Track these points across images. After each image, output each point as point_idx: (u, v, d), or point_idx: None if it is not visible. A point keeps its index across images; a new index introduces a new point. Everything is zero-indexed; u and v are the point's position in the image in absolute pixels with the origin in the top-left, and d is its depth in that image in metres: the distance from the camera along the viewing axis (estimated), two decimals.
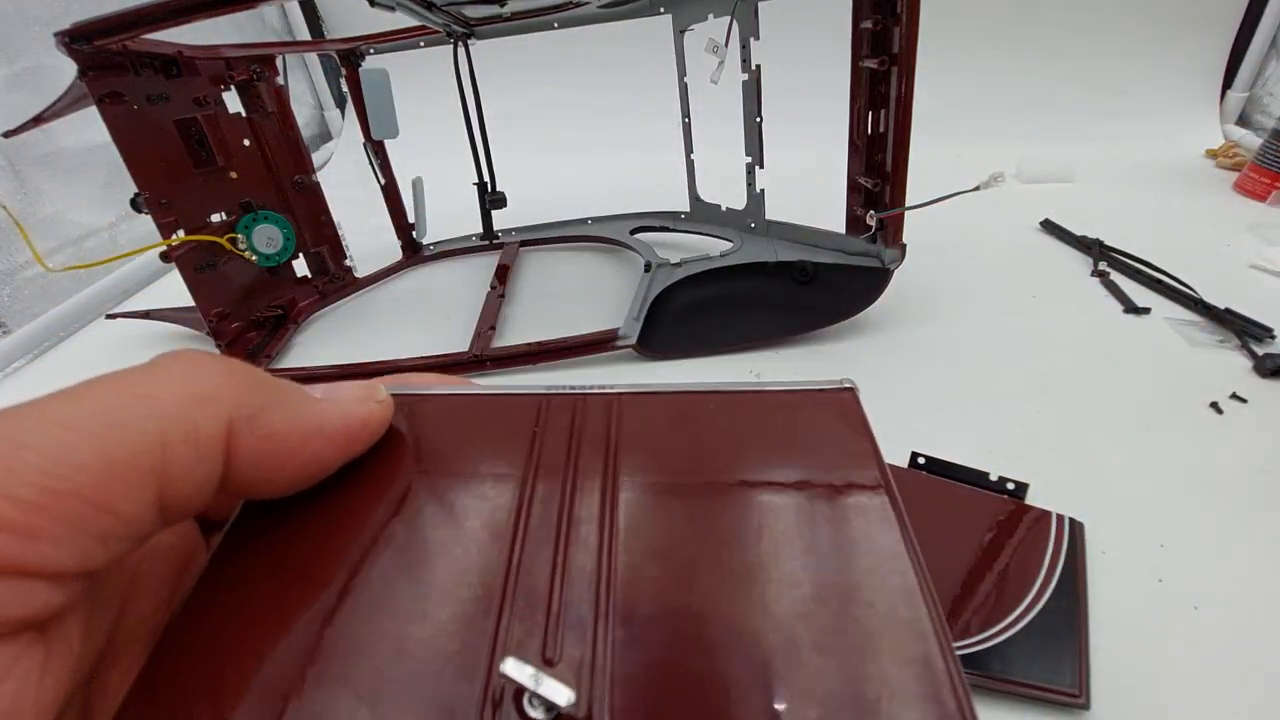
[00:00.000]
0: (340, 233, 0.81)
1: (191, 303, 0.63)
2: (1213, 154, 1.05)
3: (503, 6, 0.64)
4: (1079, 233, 0.80)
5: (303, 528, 0.15)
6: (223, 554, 0.15)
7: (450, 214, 0.89)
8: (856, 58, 0.55)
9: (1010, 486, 0.44)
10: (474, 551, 0.15)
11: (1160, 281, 0.68)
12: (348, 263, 0.82)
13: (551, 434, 0.18)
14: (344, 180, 1.16)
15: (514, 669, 0.12)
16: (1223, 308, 0.62)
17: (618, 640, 0.13)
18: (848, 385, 0.19)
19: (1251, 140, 1.03)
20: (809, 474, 0.16)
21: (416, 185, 0.82)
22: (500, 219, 0.82)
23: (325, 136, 1.43)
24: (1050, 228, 0.84)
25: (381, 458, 0.17)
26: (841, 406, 0.19)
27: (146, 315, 0.75)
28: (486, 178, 0.75)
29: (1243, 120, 1.15)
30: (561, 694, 0.12)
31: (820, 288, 0.63)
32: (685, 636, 0.13)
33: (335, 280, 0.80)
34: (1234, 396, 0.52)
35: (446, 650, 0.13)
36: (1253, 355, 0.56)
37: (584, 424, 0.18)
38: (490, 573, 0.14)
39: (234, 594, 0.14)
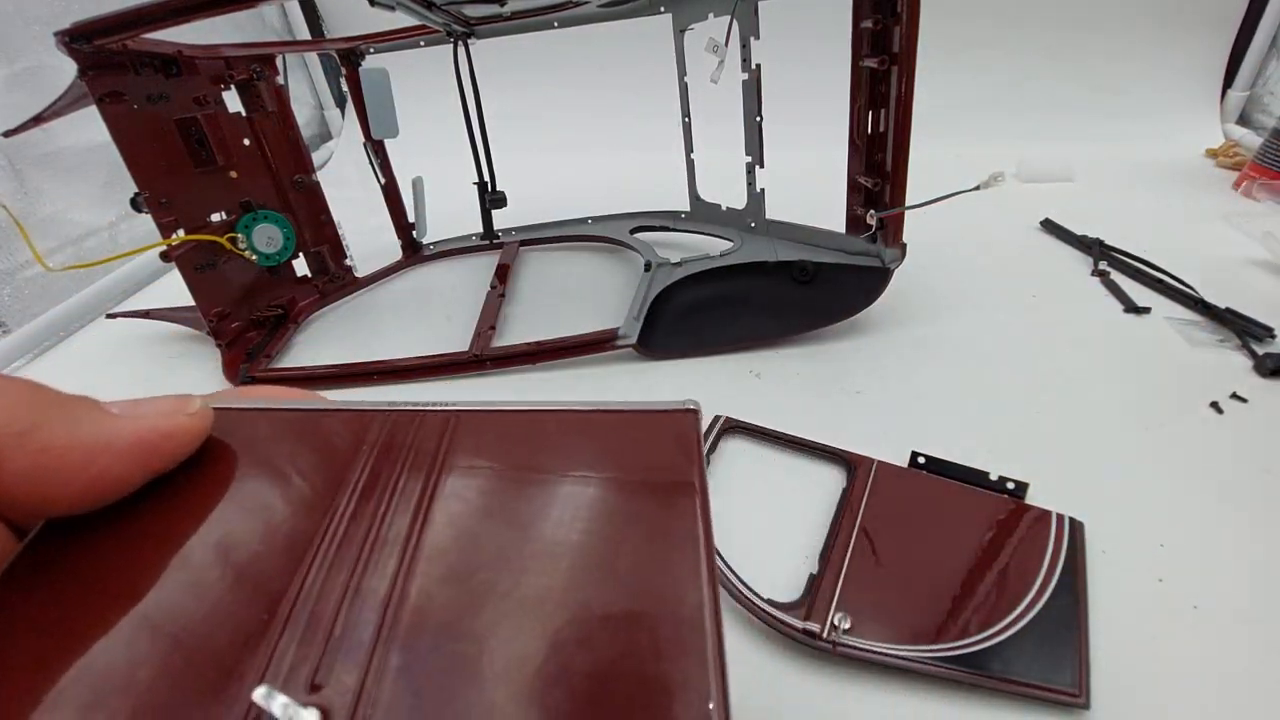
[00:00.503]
0: (340, 232, 0.81)
1: (191, 302, 0.63)
2: (1213, 153, 1.05)
3: (503, 6, 0.64)
4: (1079, 232, 0.80)
5: (100, 545, 0.15)
6: (13, 571, 0.15)
7: (450, 214, 0.89)
8: (856, 57, 0.55)
9: (1010, 486, 0.44)
10: (268, 574, 0.15)
11: (1160, 281, 0.68)
12: (348, 262, 0.82)
13: (381, 453, 0.18)
14: (344, 180, 1.16)
15: (264, 698, 0.12)
16: (1223, 307, 0.62)
17: (392, 667, 0.13)
18: (690, 407, 0.19)
19: (1252, 139, 1.03)
20: (627, 498, 0.16)
21: (416, 185, 0.82)
22: (500, 219, 0.82)
23: (325, 136, 1.43)
24: (1050, 227, 0.84)
25: (198, 474, 0.17)
26: (679, 428, 0.18)
27: (146, 315, 0.75)
28: (486, 177, 0.75)
29: (1243, 119, 1.15)
30: None
31: (820, 287, 0.63)
32: (462, 664, 0.13)
33: (335, 280, 0.81)
34: (1234, 396, 0.52)
35: (212, 677, 0.13)
36: (1253, 355, 0.56)
37: (416, 442, 0.18)
38: (278, 596, 0.14)
39: (14, 612, 0.14)
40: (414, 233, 0.87)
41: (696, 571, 0.15)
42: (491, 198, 0.76)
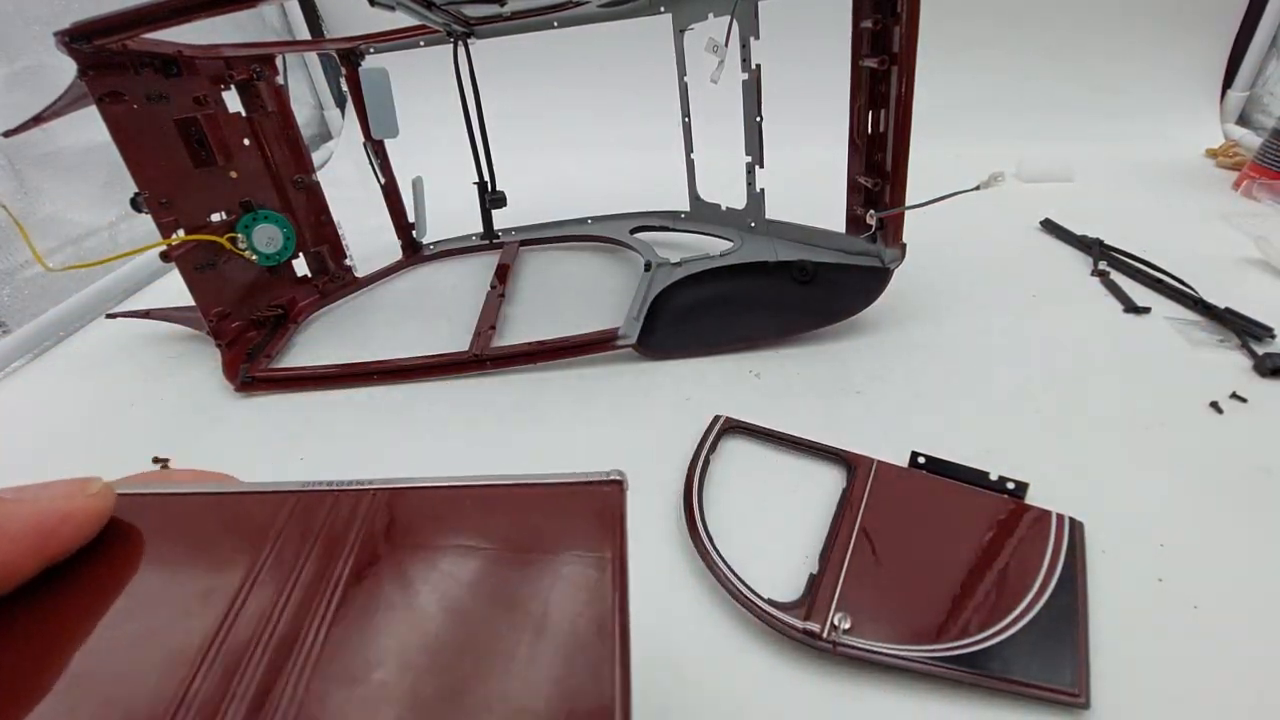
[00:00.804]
0: (340, 232, 0.81)
1: (191, 302, 0.63)
2: (1213, 153, 1.05)
3: (503, 6, 0.64)
4: (1079, 232, 0.80)
5: None
6: None
7: (450, 214, 0.89)
8: (856, 57, 0.55)
9: (1010, 486, 0.44)
10: (156, 680, 0.14)
11: (1160, 281, 0.68)
12: (348, 262, 0.82)
13: (290, 540, 0.17)
14: (344, 180, 1.16)
15: None
16: (1223, 307, 0.62)
17: None
18: (615, 478, 0.18)
19: (1252, 140, 1.03)
20: (540, 583, 0.16)
21: (416, 185, 0.82)
22: (500, 218, 0.82)
23: (325, 136, 1.43)
24: (1050, 227, 0.84)
25: (94, 566, 0.16)
26: (602, 501, 0.18)
27: (146, 315, 0.75)
28: (486, 177, 0.75)
29: (1243, 120, 1.15)
30: None
31: (820, 287, 0.63)
32: None
33: (335, 280, 0.81)
34: (1234, 396, 0.52)
35: None
36: (1253, 355, 0.56)
37: (326, 527, 0.17)
38: (166, 704, 0.13)
39: None
40: (414, 233, 0.87)
41: (608, 666, 0.14)
42: (491, 198, 0.76)
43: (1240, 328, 0.59)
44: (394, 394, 0.62)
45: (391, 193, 0.84)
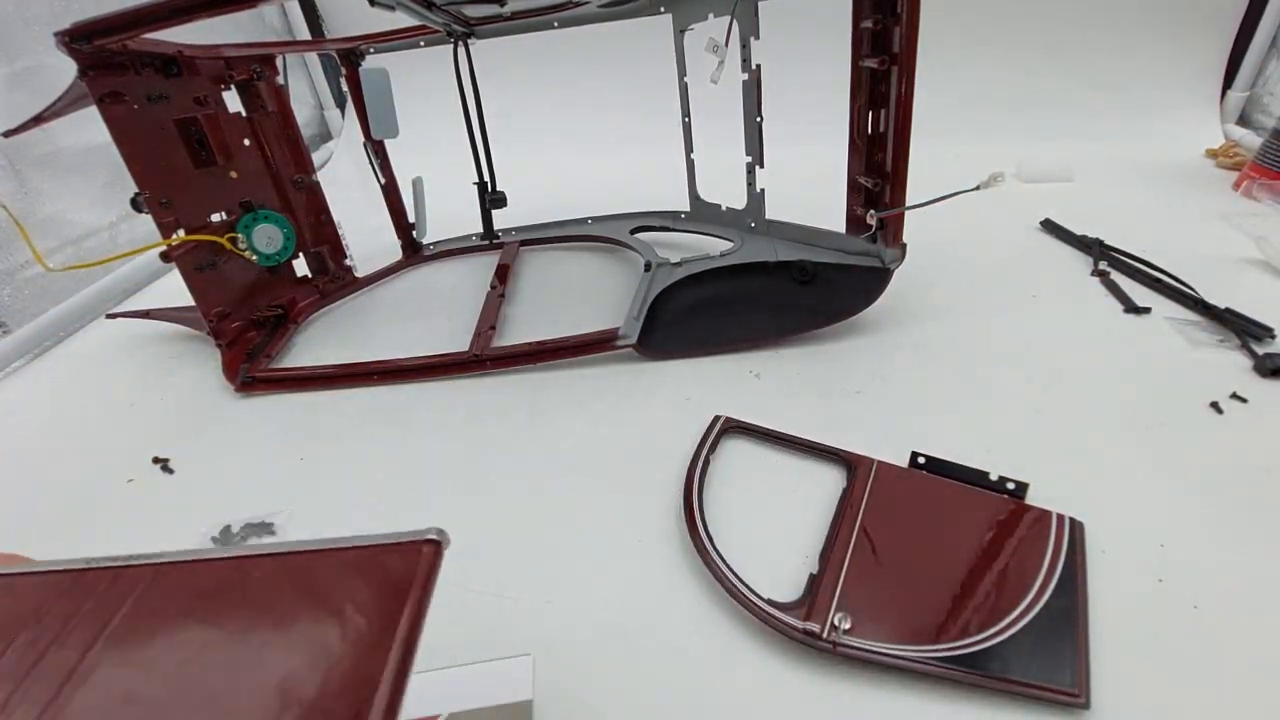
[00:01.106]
0: (340, 232, 0.81)
1: (191, 302, 0.63)
2: (1213, 154, 1.05)
3: (503, 6, 0.64)
4: (1079, 232, 0.80)
5: None
6: None
7: (450, 214, 0.89)
8: (857, 57, 0.55)
9: (1010, 486, 0.44)
10: None
11: (1160, 281, 0.68)
12: (348, 262, 0.82)
13: (46, 626, 0.16)
14: (344, 180, 1.16)
15: None
16: (1223, 307, 0.62)
17: None
18: (431, 537, 0.17)
19: (1252, 140, 1.03)
20: (304, 654, 0.15)
21: (416, 185, 0.82)
22: (500, 218, 0.82)
23: (325, 136, 1.43)
24: (1050, 227, 0.84)
25: None
26: (407, 566, 0.17)
27: (146, 315, 0.75)
28: (486, 177, 0.75)
29: (1243, 120, 1.15)
30: None
31: (820, 287, 0.63)
32: None
33: (335, 280, 0.81)
34: (1234, 396, 0.52)
35: None
36: (1253, 355, 0.56)
37: (91, 609, 0.16)
38: None
39: None
40: (414, 233, 0.87)
41: None
42: (491, 198, 0.76)
43: (1240, 328, 0.59)
44: (394, 394, 0.62)
45: (391, 193, 0.84)
